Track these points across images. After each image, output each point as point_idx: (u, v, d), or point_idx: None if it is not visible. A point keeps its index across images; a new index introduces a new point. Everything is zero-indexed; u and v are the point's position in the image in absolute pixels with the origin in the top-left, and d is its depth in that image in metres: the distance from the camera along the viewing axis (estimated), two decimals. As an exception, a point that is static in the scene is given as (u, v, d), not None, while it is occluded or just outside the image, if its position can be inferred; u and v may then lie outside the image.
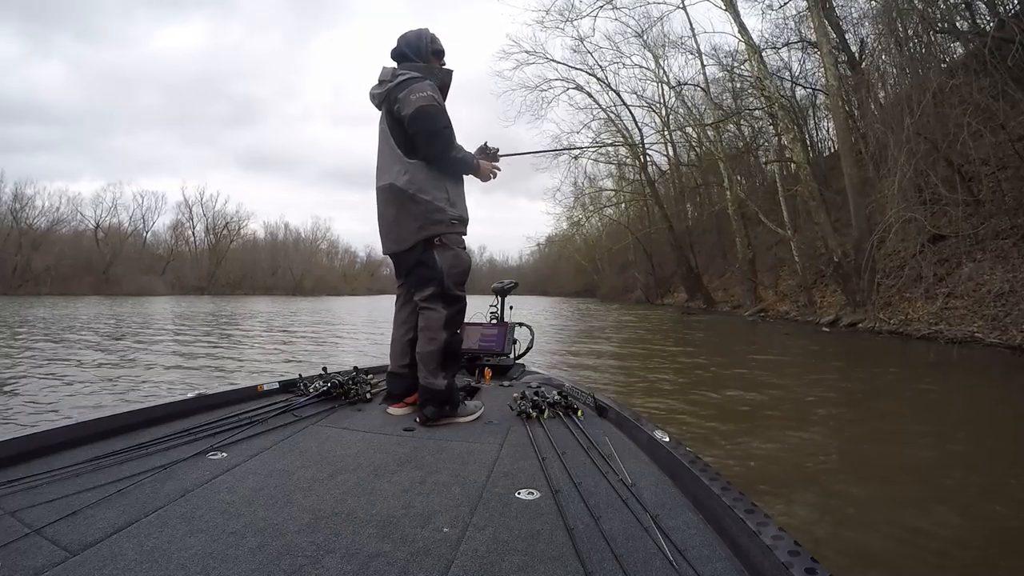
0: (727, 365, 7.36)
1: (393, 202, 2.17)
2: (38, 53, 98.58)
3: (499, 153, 2.46)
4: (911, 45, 11.06)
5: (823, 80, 18.34)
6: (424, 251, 2.16)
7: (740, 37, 17.05)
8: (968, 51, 10.46)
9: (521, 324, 3.37)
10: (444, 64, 2.32)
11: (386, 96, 2.18)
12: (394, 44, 2.29)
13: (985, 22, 10.62)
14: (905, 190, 10.07)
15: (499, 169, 2.45)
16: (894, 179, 10.10)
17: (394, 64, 2.27)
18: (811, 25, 16.77)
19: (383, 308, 25.41)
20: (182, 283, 51.74)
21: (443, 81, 2.25)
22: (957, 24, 11.10)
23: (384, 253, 2.31)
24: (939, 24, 10.99)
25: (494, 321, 3.34)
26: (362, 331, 12.88)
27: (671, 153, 27.85)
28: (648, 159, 26.73)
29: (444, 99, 2.21)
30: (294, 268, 64.94)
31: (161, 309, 21.97)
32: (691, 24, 28.14)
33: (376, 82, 2.26)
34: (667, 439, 1.64)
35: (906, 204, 10.11)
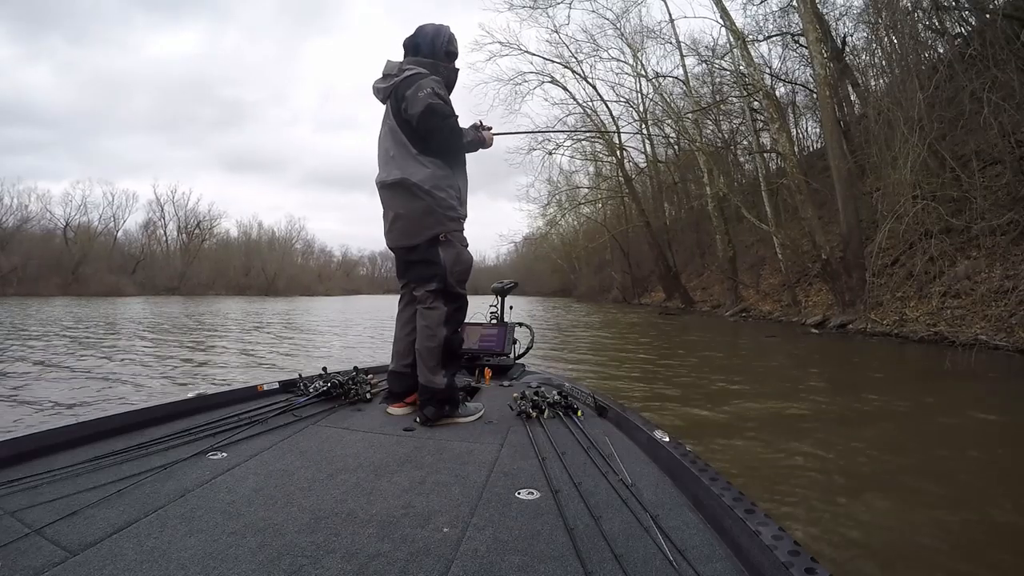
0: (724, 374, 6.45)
1: (408, 197, 2.15)
2: (30, 56, 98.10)
3: (492, 132, 2.47)
4: (917, 20, 10.71)
5: (804, 76, 18.37)
6: (429, 247, 2.18)
7: (722, 23, 16.53)
8: (980, 22, 10.05)
9: (521, 324, 3.38)
10: (454, 66, 2.31)
11: (392, 91, 2.17)
12: (409, 34, 2.28)
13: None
14: (918, 174, 9.28)
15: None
16: (906, 161, 9.24)
17: (402, 53, 2.26)
18: (793, 20, 16.78)
19: (359, 310, 24.74)
20: (153, 283, 50.33)
21: (449, 78, 2.25)
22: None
23: (389, 247, 2.30)
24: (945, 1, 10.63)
25: (494, 321, 3.35)
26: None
27: (649, 150, 27.98)
28: (625, 155, 26.76)
29: (449, 95, 2.21)
30: (267, 268, 63.82)
31: (114, 311, 21.00)
32: (669, 11, 27.88)
33: (380, 75, 2.24)
34: (667, 439, 1.65)
35: (919, 191, 9.36)
